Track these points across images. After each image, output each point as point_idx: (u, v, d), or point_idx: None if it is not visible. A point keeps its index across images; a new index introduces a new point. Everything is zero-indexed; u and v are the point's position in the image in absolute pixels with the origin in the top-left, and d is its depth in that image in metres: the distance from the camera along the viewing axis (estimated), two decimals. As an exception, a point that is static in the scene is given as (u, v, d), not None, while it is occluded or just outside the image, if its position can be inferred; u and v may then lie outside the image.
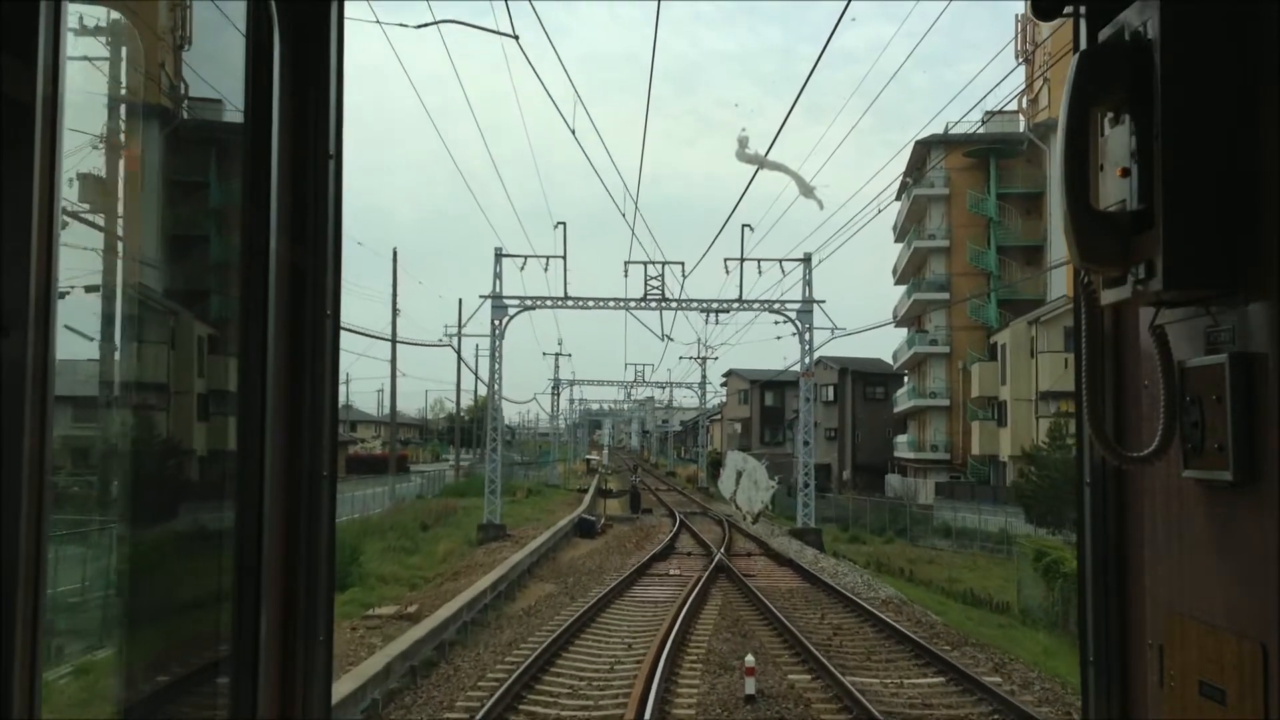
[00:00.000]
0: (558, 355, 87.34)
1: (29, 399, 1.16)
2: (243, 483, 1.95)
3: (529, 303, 38.70)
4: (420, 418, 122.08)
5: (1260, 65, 1.44)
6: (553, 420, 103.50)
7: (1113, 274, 1.63)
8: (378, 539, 31.33)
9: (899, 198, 56.34)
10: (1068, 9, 1.85)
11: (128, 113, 1.98)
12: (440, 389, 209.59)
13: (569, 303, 38.14)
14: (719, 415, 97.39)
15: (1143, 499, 1.77)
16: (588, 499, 51.26)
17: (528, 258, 37.89)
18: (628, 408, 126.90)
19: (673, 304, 38.26)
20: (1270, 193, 1.41)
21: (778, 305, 38.63)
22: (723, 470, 45.56)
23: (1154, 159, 1.51)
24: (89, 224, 1.81)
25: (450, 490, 56.76)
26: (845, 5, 13.61)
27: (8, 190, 1.15)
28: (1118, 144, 1.61)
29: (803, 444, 38.99)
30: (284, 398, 1.97)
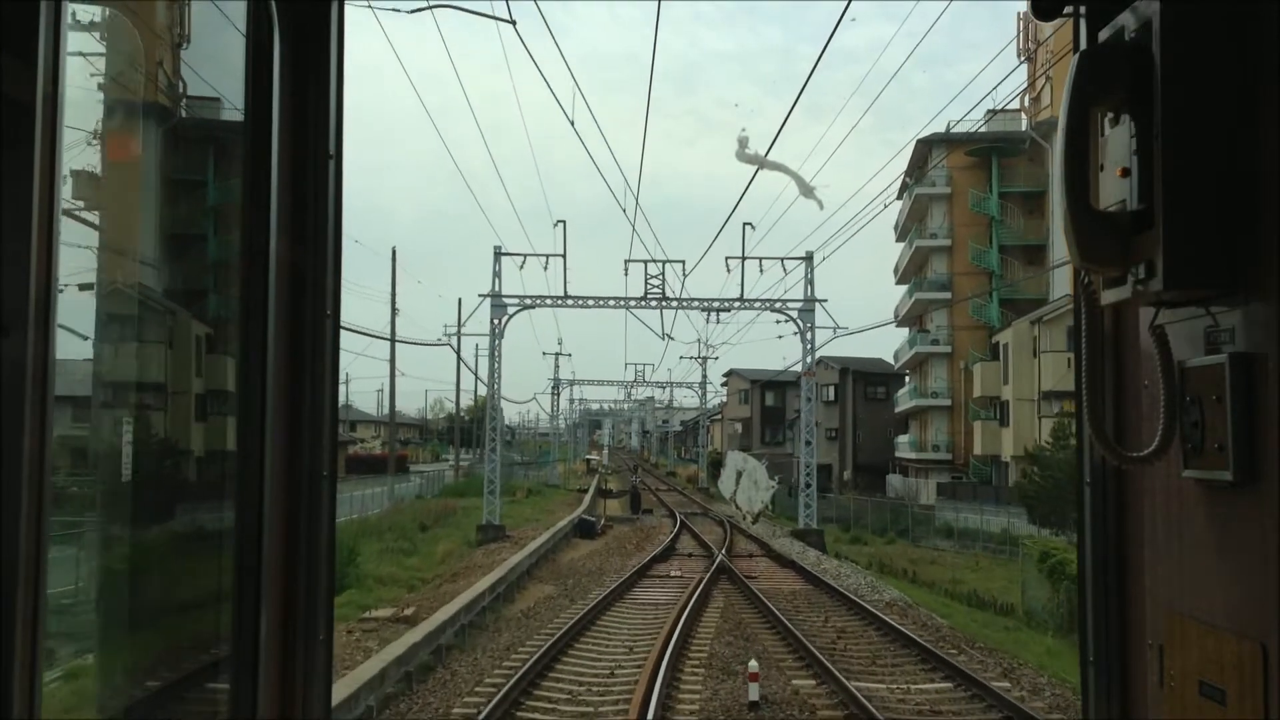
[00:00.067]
0: (557, 355, 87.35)
1: (29, 399, 1.16)
2: (243, 483, 1.95)
3: (528, 302, 38.54)
4: (420, 417, 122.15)
5: (1260, 65, 1.44)
6: (553, 420, 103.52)
7: (1113, 274, 1.64)
8: (376, 540, 31.16)
9: (900, 197, 56.28)
10: (1068, 9, 1.85)
11: (127, 112, 1.98)
12: (440, 389, 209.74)
13: (569, 302, 37.96)
14: (719, 415, 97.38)
15: (1143, 499, 1.77)
16: (587, 499, 51.16)
17: (527, 256, 37.89)
18: (628, 408, 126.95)
19: (673, 303, 38.14)
20: (1270, 193, 1.41)
21: (779, 304, 38.51)
22: (723, 470, 45.55)
23: (1154, 159, 1.51)
24: (87, 224, 1.81)
25: (449, 490, 56.63)
26: (845, 5, 13.61)
27: (8, 190, 1.15)
28: (1118, 144, 1.61)
29: (805, 444, 38.94)
30: (284, 398, 1.97)
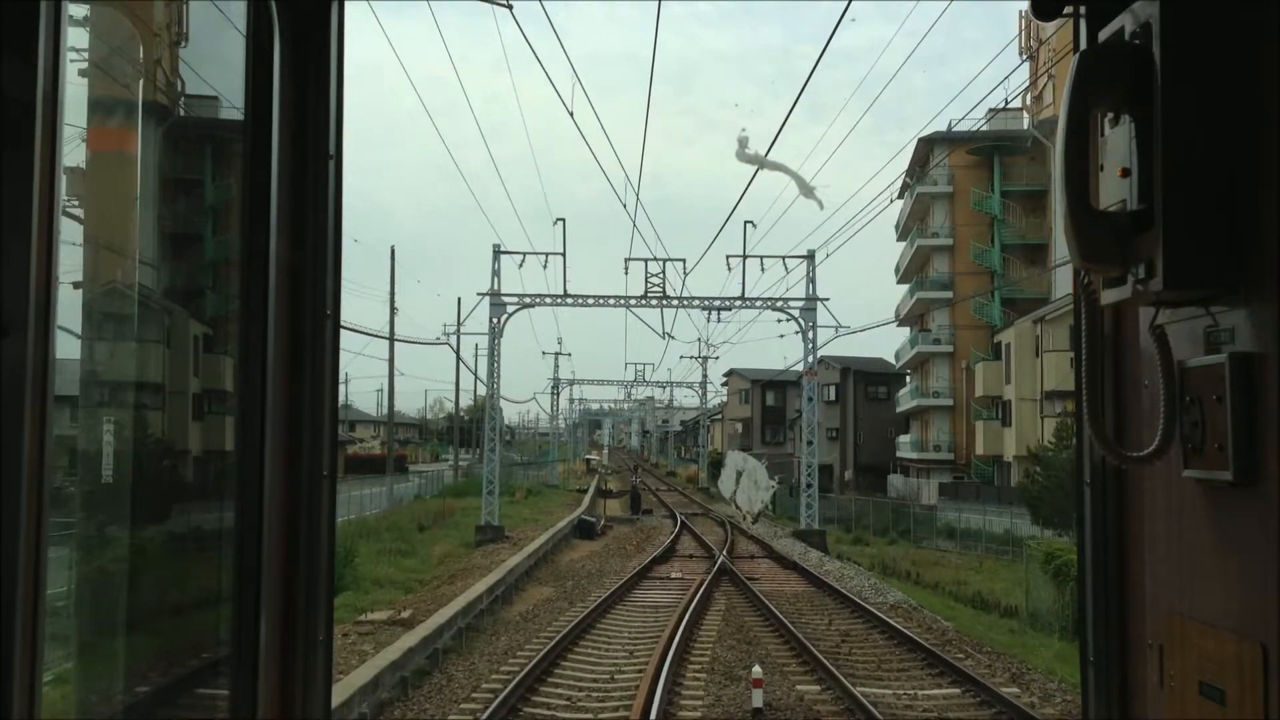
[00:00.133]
0: (557, 354, 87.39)
1: (29, 399, 1.16)
2: (243, 483, 1.95)
3: (528, 300, 38.32)
4: (419, 417, 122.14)
5: (1260, 65, 1.44)
6: (552, 420, 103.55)
7: (1113, 274, 1.63)
8: (373, 541, 30.93)
9: (901, 196, 56.22)
10: (1068, 9, 1.85)
11: (127, 112, 1.99)
12: (440, 388, 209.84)
13: (568, 300, 37.70)
14: (720, 415, 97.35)
15: (1143, 499, 1.77)
16: (587, 499, 51.12)
17: (526, 254, 37.73)
18: (628, 407, 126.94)
19: (674, 302, 37.99)
20: (1270, 193, 1.41)
21: (780, 303, 38.39)
22: (723, 470, 45.51)
23: (1154, 159, 1.51)
24: (86, 223, 1.81)
25: (449, 491, 56.37)
26: (846, 5, 13.61)
27: (8, 190, 1.16)
28: (1118, 144, 1.61)
29: (807, 444, 38.85)
30: (284, 398, 1.97)
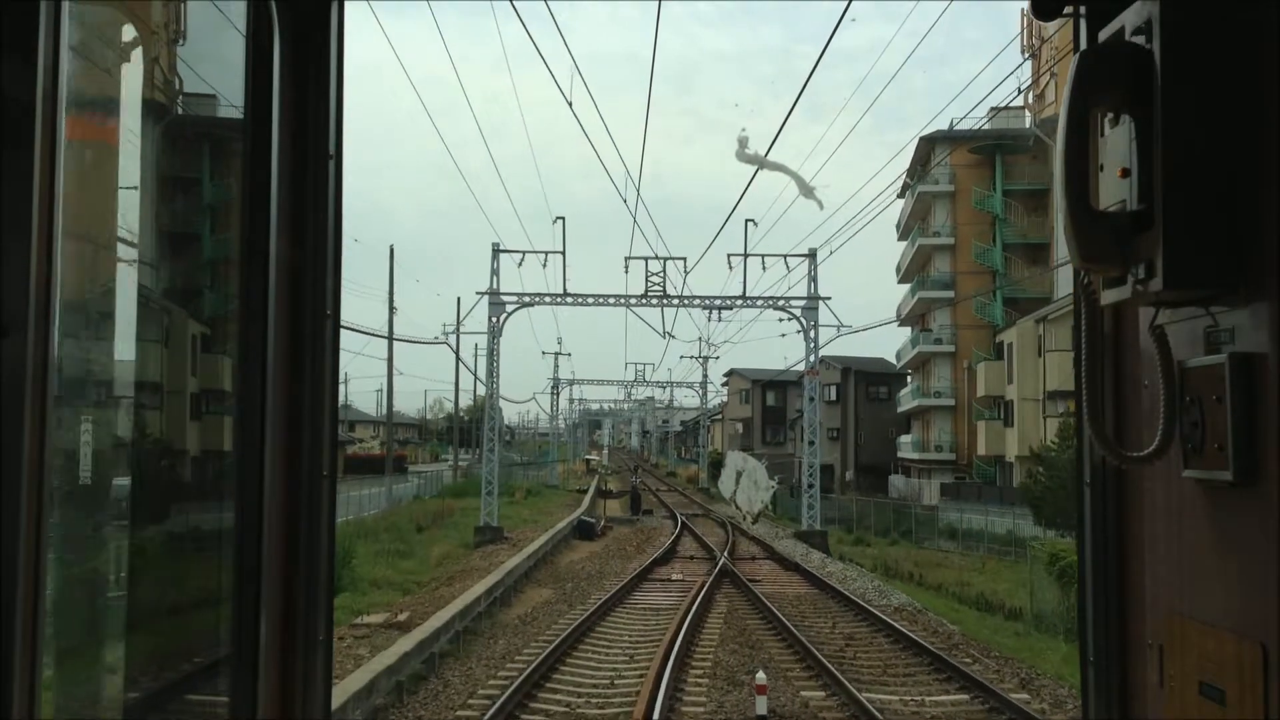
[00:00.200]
0: (557, 354, 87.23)
1: (29, 399, 1.16)
2: (243, 483, 1.95)
3: (527, 299, 38.13)
4: (419, 417, 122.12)
5: (1260, 65, 1.44)
6: (552, 420, 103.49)
7: (1113, 274, 1.64)
8: (371, 541, 30.70)
9: (902, 195, 56.18)
10: (1068, 9, 1.85)
11: (126, 112, 1.99)
12: (439, 388, 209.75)
13: (568, 299, 37.52)
14: (720, 415, 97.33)
15: (1143, 499, 1.77)
16: (587, 500, 51.05)
17: (526, 253, 37.53)
18: (628, 407, 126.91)
19: (674, 301, 37.85)
20: (1270, 193, 1.41)
21: (782, 302, 38.25)
22: (723, 470, 45.47)
23: (1154, 159, 1.51)
24: (86, 223, 1.81)
25: (448, 491, 56.17)
26: (846, 5, 13.61)
27: (8, 190, 1.16)
28: (1118, 144, 1.61)
29: (808, 444, 38.78)
30: (284, 398, 1.97)
